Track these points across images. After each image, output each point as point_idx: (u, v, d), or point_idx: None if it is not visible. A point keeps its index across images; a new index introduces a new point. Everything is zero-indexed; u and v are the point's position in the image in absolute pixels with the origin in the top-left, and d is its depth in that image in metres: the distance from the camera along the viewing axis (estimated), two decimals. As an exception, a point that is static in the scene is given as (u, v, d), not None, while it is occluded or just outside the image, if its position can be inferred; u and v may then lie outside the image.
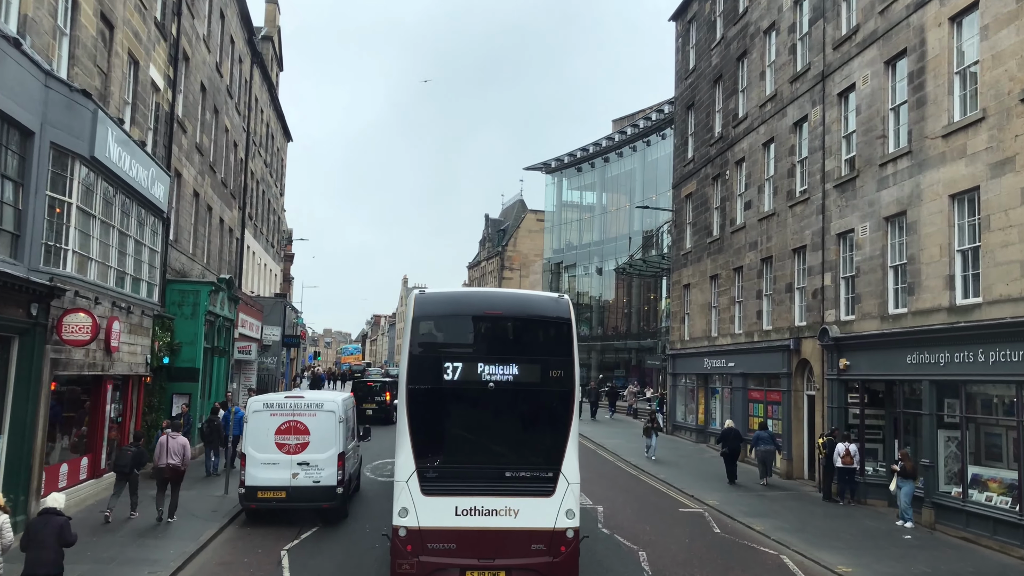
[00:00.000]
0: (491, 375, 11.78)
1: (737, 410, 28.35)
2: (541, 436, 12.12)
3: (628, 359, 59.37)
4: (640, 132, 57.66)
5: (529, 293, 15.71)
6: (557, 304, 12.58)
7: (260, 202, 45.02)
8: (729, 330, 29.69)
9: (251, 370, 36.21)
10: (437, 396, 11.95)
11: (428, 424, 11.89)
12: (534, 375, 12.00)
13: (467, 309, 12.82)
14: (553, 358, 12.06)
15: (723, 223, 30.81)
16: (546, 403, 12.13)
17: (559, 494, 11.62)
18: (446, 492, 11.51)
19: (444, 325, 12.58)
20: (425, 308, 12.30)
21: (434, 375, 11.81)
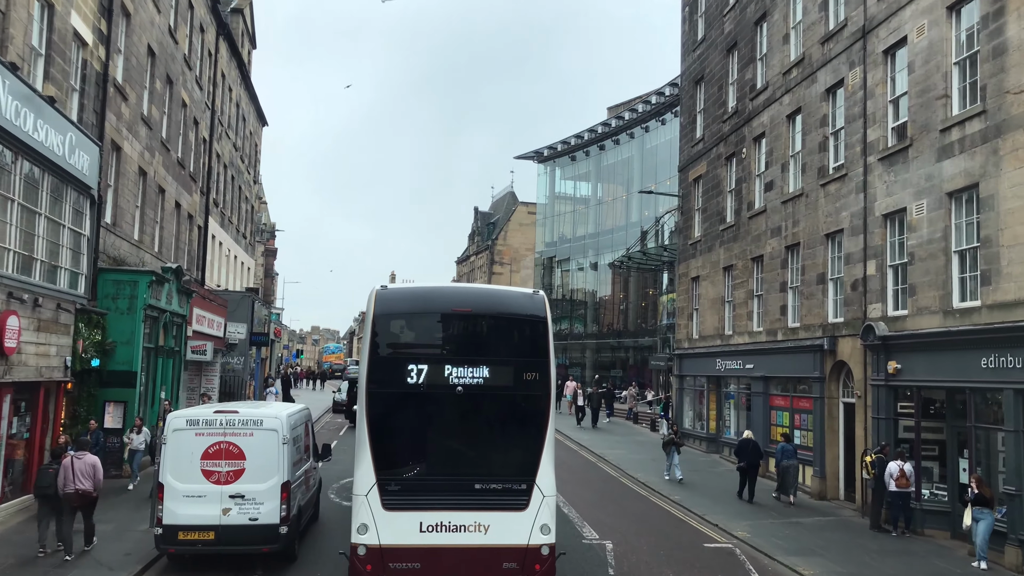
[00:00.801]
0: (459, 378, 11.10)
1: (757, 418, 25.05)
2: (514, 444, 11.49)
3: (625, 358, 56.09)
4: (638, 117, 54.32)
5: (501, 289, 14.62)
6: (531, 301, 11.86)
7: (229, 188, 41.51)
8: (746, 328, 26.39)
9: (213, 372, 32.71)
10: (400, 401, 11.23)
11: (390, 432, 11.21)
12: (506, 378, 11.33)
13: (433, 306, 11.99)
14: (527, 359, 11.41)
15: (739, 207, 27.51)
16: (520, 408, 11.50)
17: (533, 508, 10.98)
18: (410, 506, 10.85)
19: (408, 324, 11.91)
20: (387, 305, 11.47)
21: (397, 378, 11.07)
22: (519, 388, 11.40)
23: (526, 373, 11.38)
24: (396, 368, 11.20)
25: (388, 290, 11.86)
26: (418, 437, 11.56)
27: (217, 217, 38.44)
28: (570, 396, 41.60)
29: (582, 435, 33.11)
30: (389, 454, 11.14)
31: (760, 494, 21.04)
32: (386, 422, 11.20)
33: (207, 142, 35.39)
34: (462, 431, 11.64)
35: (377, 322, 11.41)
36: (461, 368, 11.18)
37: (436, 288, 13.66)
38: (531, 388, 11.33)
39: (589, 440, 31.46)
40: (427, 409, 11.39)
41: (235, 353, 36.33)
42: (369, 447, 10.97)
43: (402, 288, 12.73)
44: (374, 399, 11.16)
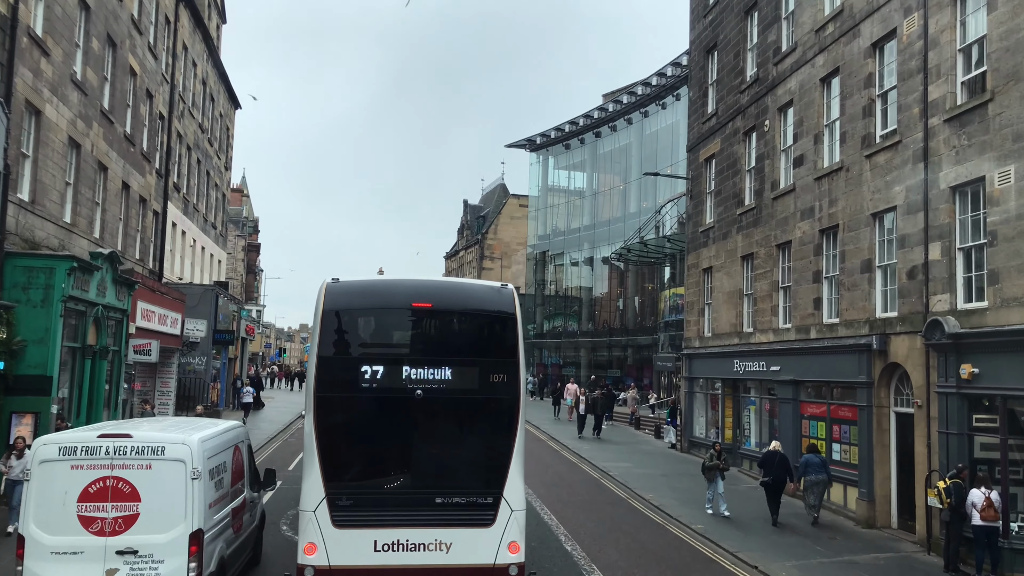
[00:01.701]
0: (418, 381, 10.36)
1: (786, 428, 21.74)
2: (480, 454, 10.68)
3: (623, 357, 52.81)
4: (637, 101, 51.06)
5: (466, 282, 13.70)
6: (499, 295, 11.10)
7: (194, 173, 37.99)
8: (770, 324, 23.08)
9: (168, 374, 29.28)
10: (352, 406, 10.44)
11: (341, 441, 10.45)
12: (471, 380, 10.62)
13: (389, 301, 11.17)
14: (494, 360, 10.70)
15: (760, 188, 24.20)
16: (486, 413, 10.71)
17: (500, 524, 10.25)
18: (363, 523, 10.08)
19: (360, 321, 11.08)
20: (338, 300, 10.65)
21: (348, 381, 10.32)
22: (485, 391, 10.58)
23: (493, 375, 10.59)
24: (347, 370, 10.36)
25: (339, 283, 10.92)
26: (372, 446, 10.61)
27: (179, 203, 34.94)
28: (571, 401, 37.98)
29: (581, 444, 29.76)
30: (339, 465, 10.30)
31: (787, 516, 17.86)
32: (336, 430, 10.33)
33: (165, 119, 31.89)
34: (422, 439, 10.68)
35: (326, 319, 10.45)
36: (420, 369, 10.35)
37: (393, 281, 12.33)
38: (498, 391, 10.54)
39: (589, 451, 28.11)
40: (382, 415, 10.47)
41: (196, 353, 32.88)
42: (317, 458, 10.08)
43: (355, 281, 11.56)
44: (323, 404, 10.23)
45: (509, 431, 10.48)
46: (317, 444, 10.13)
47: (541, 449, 29.16)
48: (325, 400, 10.27)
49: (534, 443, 30.60)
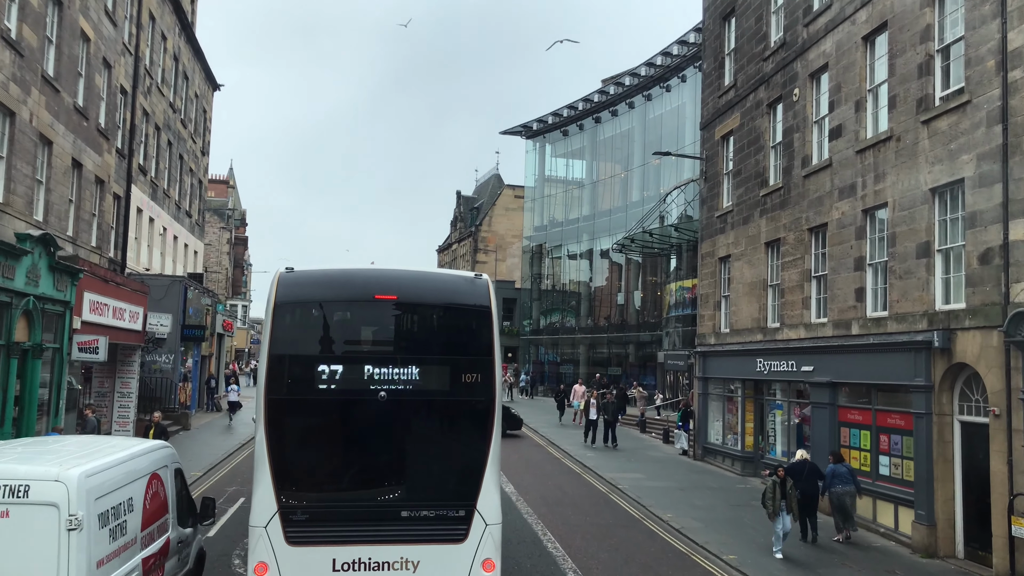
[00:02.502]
0: (382, 381, 9.53)
1: (820, 436, 19.07)
2: (451, 462, 9.85)
3: (624, 354, 50.14)
4: (640, 83, 48.30)
5: (436, 272, 12.55)
6: (473, 286, 10.28)
7: (165, 156, 35.15)
8: (801, 318, 20.41)
9: (129, 373, 26.50)
10: (307, 410, 9.63)
11: (295, 448, 9.61)
12: (441, 381, 9.88)
13: (349, 293, 10.19)
14: (467, 358, 9.92)
15: (788, 165, 21.51)
16: (458, 417, 9.97)
17: (473, 539, 9.42)
18: (320, 540, 9.22)
19: (317, 315, 10.17)
20: (291, 291, 9.84)
21: (303, 382, 9.49)
22: (457, 393, 9.90)
23: (466, 375, 9.92)
24: (302, 369, 9.61)
25: (294, 273, 10.17)
26: (330, 454, 9.96)
27: (146, 188, 32.13)
28: (579, 404, 34.73)
29: (585, 452, 27.06)
30: (294, 475, 9.51)
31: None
32: (290, 436, 9.60)
33: (128, 94, 29.08)
34: (386, 446, 9.86)
35: (278, 312, 9.73)
36: (384, 369, 9.64)
37: (355, 271, 11.25)
38: (472, 392, 9.84)
39: (595, 459, 25.43)
40: (342, 420, 9.86)
41: (163, 350, 30.10)
42: (269, 467, 9.31)
43: (311, 271, 10.80)
44: (275, 408, 9.45)
45: (483, 436, 9.70)
46: (268, 452, 9.31)
47: (541, 457, 26.50)
48: (277, 403, 9.46)
49: (533, 450, 27.91)
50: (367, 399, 9.60)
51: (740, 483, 22.27)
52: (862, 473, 17.48)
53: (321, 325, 10.25)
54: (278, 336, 9.72)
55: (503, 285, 64.88)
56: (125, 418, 26.36)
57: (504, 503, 18.60)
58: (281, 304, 9.76)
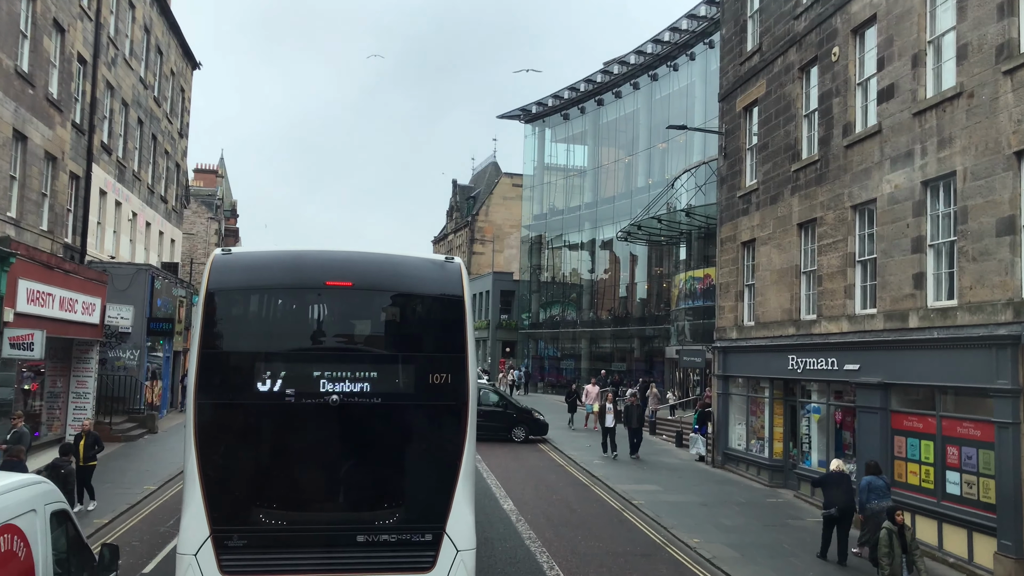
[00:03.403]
0: (335, 384, 8.46)
1: (869, 446, 16.42)
2: (415, 478, 8.85)
3: (628, 349, 47.55)
4: (645, 63, 45.61)
5: (400, 255, 10.01)
6: (443, 272, 9.26)
7: (135, 135, 32.44)
8: (843, 309, 17.78)
9: (86, 371, 23.83)
10: (246, 417, 8.59)
11: (232, 461, 8.54)
12: (404, 382, 8.86)
13: (295, 278, 9.05)
14: (436, 356, 8.88)
15: (826, 134, 18.86)
16: (424, 426, 8.87)
17: (442, 568, 8.31)
18: (260, 569, 8.20)
19: (258, 304, 9.21)
20: (228, 277, 8.84)
21: (241, 384, 8.47)
22: (424, 396, 8.69)
23: (433, 375, 8.69)
24: (239, 369, 8.50)
25: (231, 255, 9.07)
26: (273, 469, 8.64)
27: (112, 168, 29.45)
28: (591, 406, 31.36)
29: (593, 458, 24.40)
30: (229, 494, 8.32)
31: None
32: (225, 447, 8.44)
33: (87, 63, 26.38)
34: (339, 459, 8.65)
35: (212, 302, 8.67)
36: (337, 369, 8.45)
37: (303, 253, 9.66)
38: (441, 396, 8.67)
39: (603, 468, 22.80)
40: (286, 428, 8.60)
41: (127, 346, 27.43)
42: (200, 484, 8.15)
43: (253, 253, 9.77)
44: (206, 415, 8.35)
45: (455, 447, 8.63)
46: (200, 467, 8.30)
47: (543, 465, 23.89)
48: (210, 408, 8.46)
49: (534, 456, 25.30)
50: (316, 405, 8.44)
51: (770, 496, 19.66)
52: (923, 491, 14.89)
53: (262, 317, 9.16)
54: (211, 330, 8.64)
55: (500, 277, 62.26)
56: (81, 421, 23.66)
57: (502, 524, 16.08)
58: (215, 292, 8.66)
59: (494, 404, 28.40)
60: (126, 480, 18.98)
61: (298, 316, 9.14)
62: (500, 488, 19.01)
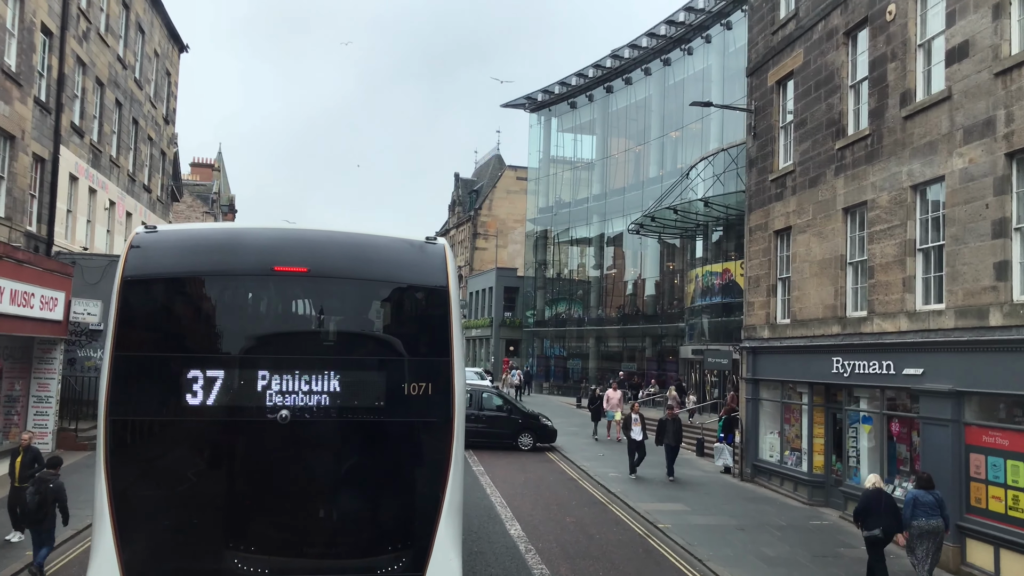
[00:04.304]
0: (285, 397, 6.90)
1: (938, 463, 14.05)
2: (385, 513, 7.24)
3: (639, 348, 45.22)
4: (657, 47, 43.27)
5: (368, 235, 8.18)
6: (422, 255, 7.59)
7: (113, 118, 30.16)
8: (901, 304, 15.44)
9: (48, 372, 21.58)
10: (171, 437, 7.08)
11: (152, 493, 6.94)
12: (373, 394, 7.18)
13: (237, 263, 7.36)
14: (413, 361, 7.27)
15: (879, 106, 16.51)
16: (396, 451, 7.25)
17: None
18: None
19: (188, 296, 7.51)
20: (150, 262, 7.27)
21: (165, 398, 6.96)
22: (397, 412, 7.05)
23: (410, 385, 7.06)
24: (164, 378, 6.93)
25: (157, 234, 7.55)
26: (205, 502, 6.95)
27: (84, 152, 27.16)
28: (613, 414, 28.13)
29: (608, 469, 22.06)
30: (148, 533, 6.79)
31: None
32: (145, 479, 6.89)
33: (54, 36, 24.08)
34: (289, 490, 7.02)
35: (129, 293, 7.06)
36: (288, 377, 6.86)
37: (246, 231, 7.94)
38: (419, 411, 7.06)
39: (620, 483, 20.48)
40: (223, 454, 7.10)
41: (99, 344, 25.09)
42: (111, 526, 6.61)
43: (183, 230, 8.36)
44: (122, 433, 6.87)
45: (436, 477, 7.01)
46: (111, 504, 6.63)
47: (553, 479, 21.59)
48: (126, 427, 6.86)
49: (542, 467, 22.98)
50: (261, 422, 6.92)
51: (812, 516, 17.33)
52: (1011, 520, 12.54)
53: (194, 312, 7.48)
54: (128, 328, 7.03)
55: (504, 273, 60.02)
56: (43, 428, 21.44)
57: (509, 557, 13.14)
58: (134, 281, 7.09)
59: (497, 408, 26.08)
60: (81, 499, 16.65)
61: (239, 311, 7.45)
62: (506, 508, 16.71)
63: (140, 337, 7.17)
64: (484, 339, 62.36)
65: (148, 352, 7.17)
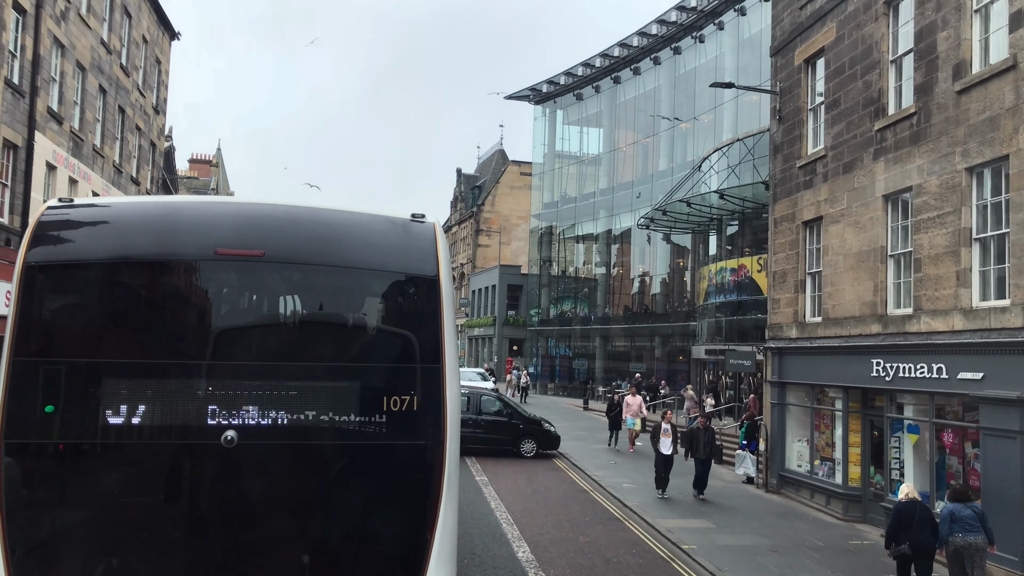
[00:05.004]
0: (230, 415, 5.48)
1: (1000, 480, 12.47)
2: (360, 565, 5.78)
3: (648, 348, 43.61)
4: (668, 34, 41.65)
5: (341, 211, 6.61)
6: (407, 237, 6.26)
7: (96, 105, 28.57)
8: (955, 301, 13.82)
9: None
10: (86, 470, 5.58)
11: (61, 541, 5.47)
12: (342, 412, 5.68)
13: (171, 246, 5.90)
14: (394, 369, 5.93)
15: (927, 80, 14.88)
16: (373, 482, 5.78)
17: None
18: None
19: (107, 289, 5.90)
20: (59, 243, 5.93)
21: (78, 416, 5.53)
22: (374, 434, 5.64)
23: (391, 399, 5.64)
24: (76, 391, 5.49)
25: (72, 209, 6.10)
26: (129, 552, 5.45)
27: (64, 140, 25.57)
28: (633, 422, 25.70)
29: (622, 480, 20.43)
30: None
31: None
32: (50, 518, 5.45)
33: (27, 14, 22.50)
34: (236, 540, 5.52)
35: (33, 283, 5.69)
36: (235, 391, 5.48)
37: (184, 205, 6.66)
38: (402, 432, 5.66)
39: (636, 494, 18.87)
40: (152, 487, 5.58)
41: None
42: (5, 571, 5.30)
43: (104, 205, 6.78)
44: (22, 464, 5.41)
45: (421, 515, 5.62)
46: (6, 550, 5.19)
47: (562, 490, 19.99)
48: (26, 455, 5.41)
49: (550, 476, 21.38)
50: (201, 445, 5.51)
51: (850, 534, 15.71)
52: (1095, 548, 10.93)
53: (116, 308, 5.92)
54: (30, 328, 5.62)
55: (508, 270, 58.46)
56: None
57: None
58: (39, 268, 5.69)
59: (496, 413, 24.34)
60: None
61: (175, 306, 6.03)
62: (513, 526, 15.10)
63: (46, 339, 5.73)
64: (487, 338, 60.81)
65: (56, 358, 5.70)
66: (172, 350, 5.88)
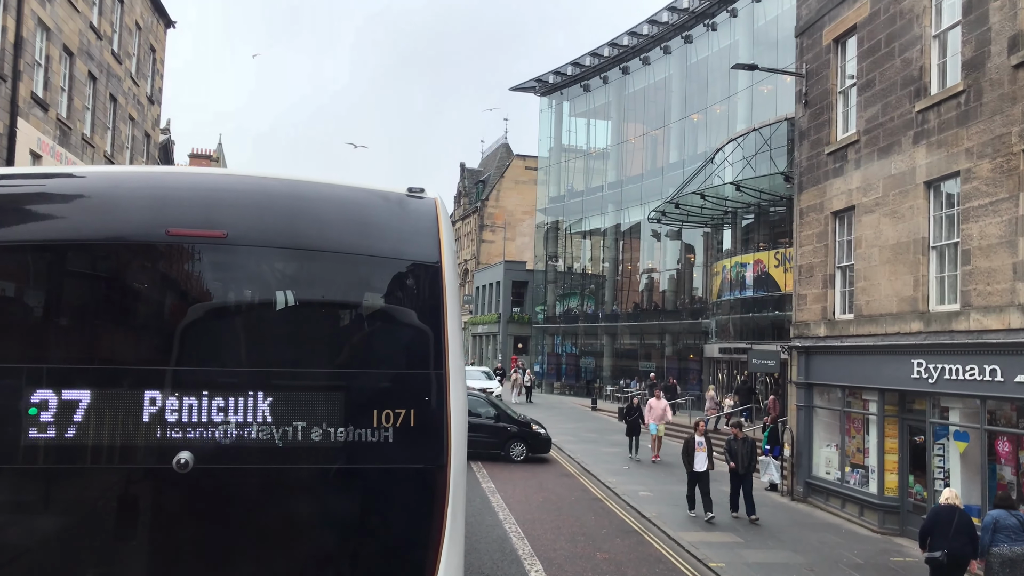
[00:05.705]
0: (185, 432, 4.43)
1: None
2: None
3: (658, 346, 42.39)
4: (679, 22, 40.38)
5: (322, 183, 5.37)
6: (403, 215, 5.17)
7: (86, 93, 27.40)
8: (1011, 296, 12.59)
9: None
10: (5, 496, 4.48)
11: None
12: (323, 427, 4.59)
13: (110, 225, 4.82)
14: (388, 376, 4.86)
15: (976, 56, 13.64)
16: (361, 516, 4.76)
17: None
18: None
19: (32, 276, 4.82)
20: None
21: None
22: (361, 455, 4.57)
23: (383, 412, 4.60)
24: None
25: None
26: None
27: (49, 128, 24.40)
28: (656, 427, 23.56)
29: (638, 488, 19.21)
30: None
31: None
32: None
33: None
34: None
35: None
36: (190, 402, 4.44)
37: (128, 175, 5.63)
38: (397, 453, 4.60)
39: (654, 503, 17.65)
40: (87, 520, 4.50)
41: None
42: None
43: (28, 173, 5.42)
44: None
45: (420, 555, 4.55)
46: None
47: (574, 498, 18.79)
48: None
49: (561, 484, 20.16)
50: (150, 469, 4.42)
51: (890, 550, 14.47)
52: None
53: (44, 302, 4.78)
54: None
55: (512, 266, 57.26)
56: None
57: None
58: None
59: (484, 415, 22.83)
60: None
61: (117, 299, 4.84)
62: (524, 540, 13.89)
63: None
64: (491, 336, 59.64)
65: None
66: (112, 351, 4.74)
